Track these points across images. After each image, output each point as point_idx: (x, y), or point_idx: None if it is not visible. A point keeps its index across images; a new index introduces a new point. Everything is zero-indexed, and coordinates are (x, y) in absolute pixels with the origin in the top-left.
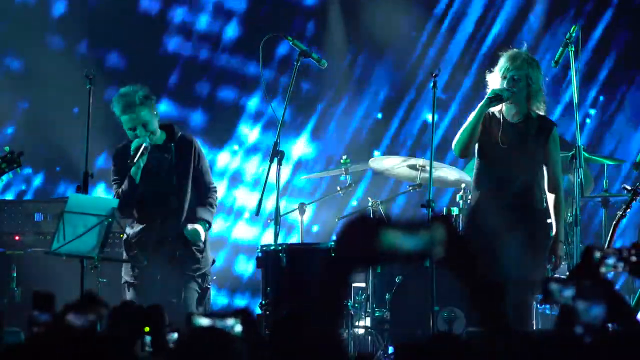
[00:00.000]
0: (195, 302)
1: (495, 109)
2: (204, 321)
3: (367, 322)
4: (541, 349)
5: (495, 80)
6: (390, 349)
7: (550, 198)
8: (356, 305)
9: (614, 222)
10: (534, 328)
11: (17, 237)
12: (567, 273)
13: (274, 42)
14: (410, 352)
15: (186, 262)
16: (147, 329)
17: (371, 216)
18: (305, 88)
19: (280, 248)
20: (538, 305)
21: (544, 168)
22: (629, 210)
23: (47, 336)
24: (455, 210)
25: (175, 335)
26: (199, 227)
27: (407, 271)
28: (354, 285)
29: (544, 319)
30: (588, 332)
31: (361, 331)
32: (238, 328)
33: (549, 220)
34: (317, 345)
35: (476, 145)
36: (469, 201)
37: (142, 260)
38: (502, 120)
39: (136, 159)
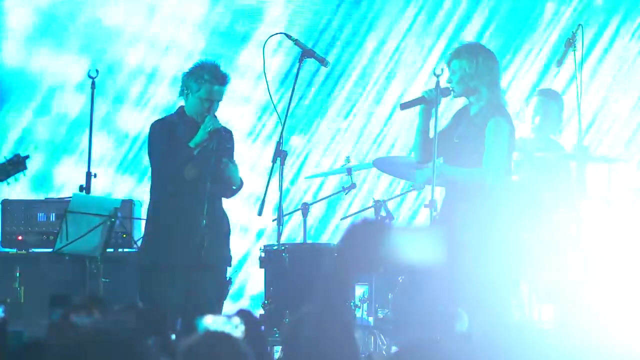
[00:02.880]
0: (215, 297)
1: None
2: (209, 324)
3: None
4: None
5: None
6: (394, 349)
7: None
8: (358, 305)
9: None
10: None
11: (19, 237)
12: None
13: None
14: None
15: (213, 252)
16: None
17: (375, 218)
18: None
19: (283, 248)
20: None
21: None
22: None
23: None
24: None
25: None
26: None
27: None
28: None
29: None
30: None
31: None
32: (241, 329)
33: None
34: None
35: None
36: None
37: (145, 260)
38: (467, 115)
39: (208, 132)
